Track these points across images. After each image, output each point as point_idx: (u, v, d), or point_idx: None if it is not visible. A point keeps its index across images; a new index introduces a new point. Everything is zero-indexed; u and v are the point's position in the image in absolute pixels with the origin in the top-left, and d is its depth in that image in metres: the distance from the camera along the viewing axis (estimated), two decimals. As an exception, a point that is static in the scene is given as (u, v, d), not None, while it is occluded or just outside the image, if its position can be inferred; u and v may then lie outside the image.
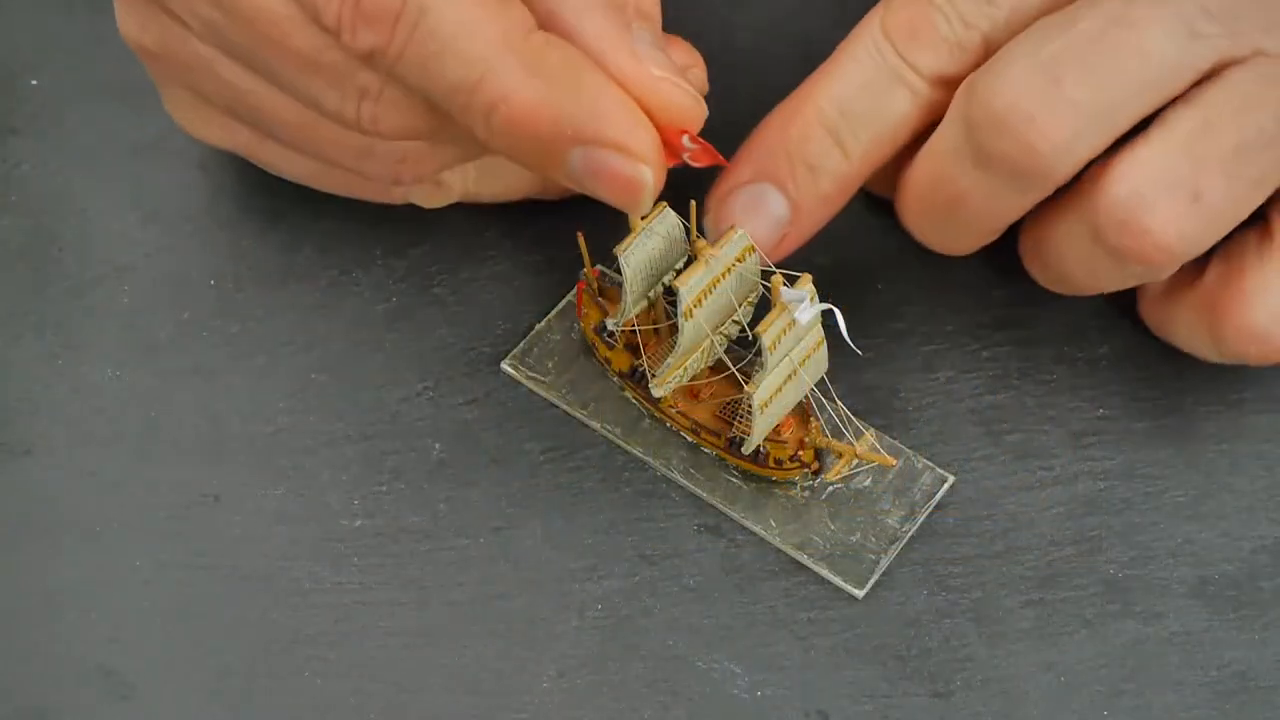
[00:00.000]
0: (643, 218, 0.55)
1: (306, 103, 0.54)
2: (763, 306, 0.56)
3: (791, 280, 0.54)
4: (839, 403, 0.57)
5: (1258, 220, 0.55)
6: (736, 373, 0.58)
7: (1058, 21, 0.53)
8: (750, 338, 0.55)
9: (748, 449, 0.57)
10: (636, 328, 0.58)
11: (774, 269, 0.55)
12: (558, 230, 0.62)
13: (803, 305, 0.54)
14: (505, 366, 0.60)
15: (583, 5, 0.51)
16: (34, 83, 0.66)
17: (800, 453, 0.57)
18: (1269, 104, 0.52)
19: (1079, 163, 0.53)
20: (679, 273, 0.56)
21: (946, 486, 0.58)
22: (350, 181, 0.59)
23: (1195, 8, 0.52)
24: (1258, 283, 0.54)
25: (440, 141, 0.55)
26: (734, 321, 0.57)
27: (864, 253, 0.61)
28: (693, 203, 0.56)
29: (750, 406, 0.55)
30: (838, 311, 0.54)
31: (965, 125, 0.53)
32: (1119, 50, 0.52)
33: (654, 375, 0.57)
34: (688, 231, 0.56)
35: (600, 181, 0.51)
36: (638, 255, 0.56)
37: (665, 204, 0.56)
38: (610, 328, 0.58)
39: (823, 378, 0.57)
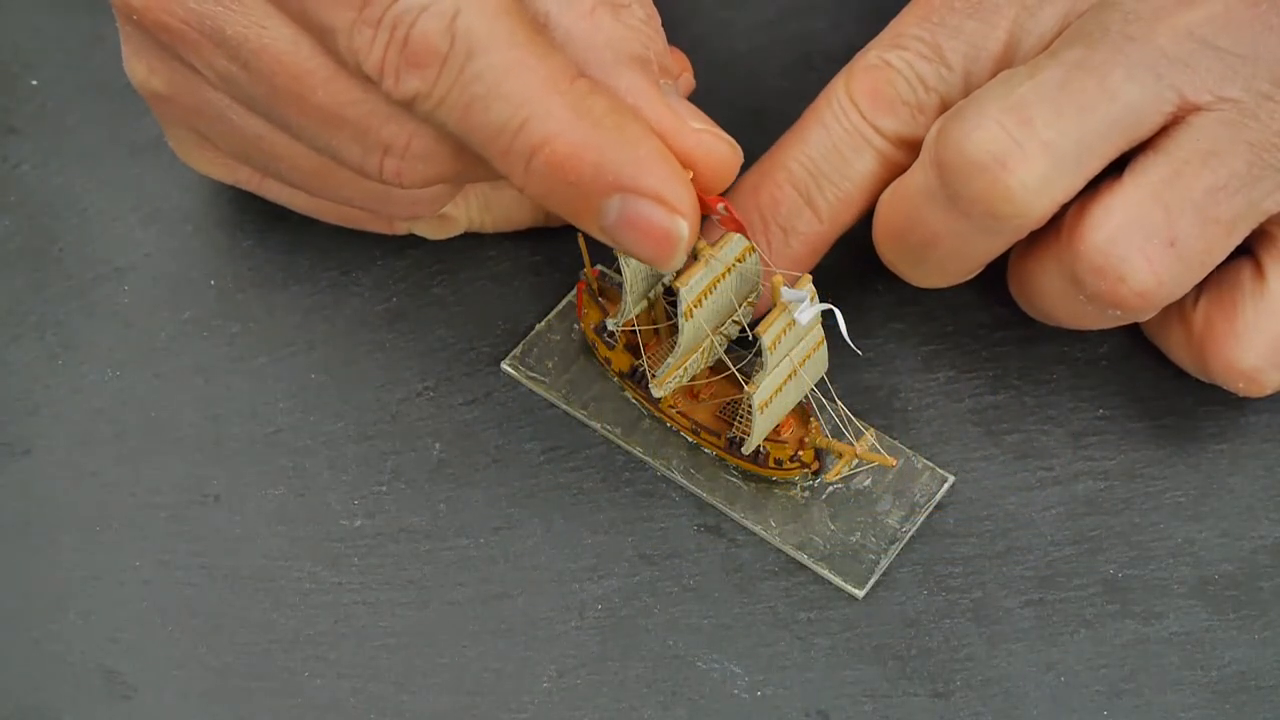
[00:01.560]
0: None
1: (324, 154, 0.53)
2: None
3: (792, 280, 0.54)
4: (839, 403, 0.57)
5: (1248, 255, 0.56)
6: (736, 373, 0.58)
7: (1023, 70, 0.54)
8: (750, 338, 0.55)
9: (748, 449, 0.57)
10: (636, 328, 0.58)
11: (774, 269, 0.55)
12: (558, 231, 0.62)
13: (803, 305, 0.54)
14: (505, 366, 0.60)
15: (613, 62, 0.51)
16: (34, 83, 0.66)
17: (800, 453, 0.57)
18: (1238, 148, 0.53)
19: (1053, 205, 0.53)
20: (679, 273, 0.56)
21: (946, 486, 0.58)
22: (356, 216, 0.60)
23: (1155, 54, 0.53)
24: (1248, 322, 0.55)
25: (461, 185, 0.56)
26: (734, 321, 0.57)
27: (864, 253, 0.61)
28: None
29: (750, 406, 0.55)
30: (838, 312, 0.54)
31: (937, 168, 0.54)
32: (1086, 92, 0.53)
33: (654, 375, 0.57)
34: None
35: (635, 232, 0.50)
36: (638, 255, 0.56)
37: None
38: (610, 328, 0.58)
39: (823, 378, 0.57)
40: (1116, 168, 0.54)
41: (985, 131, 0.53)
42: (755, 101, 0.64)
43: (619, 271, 0.56)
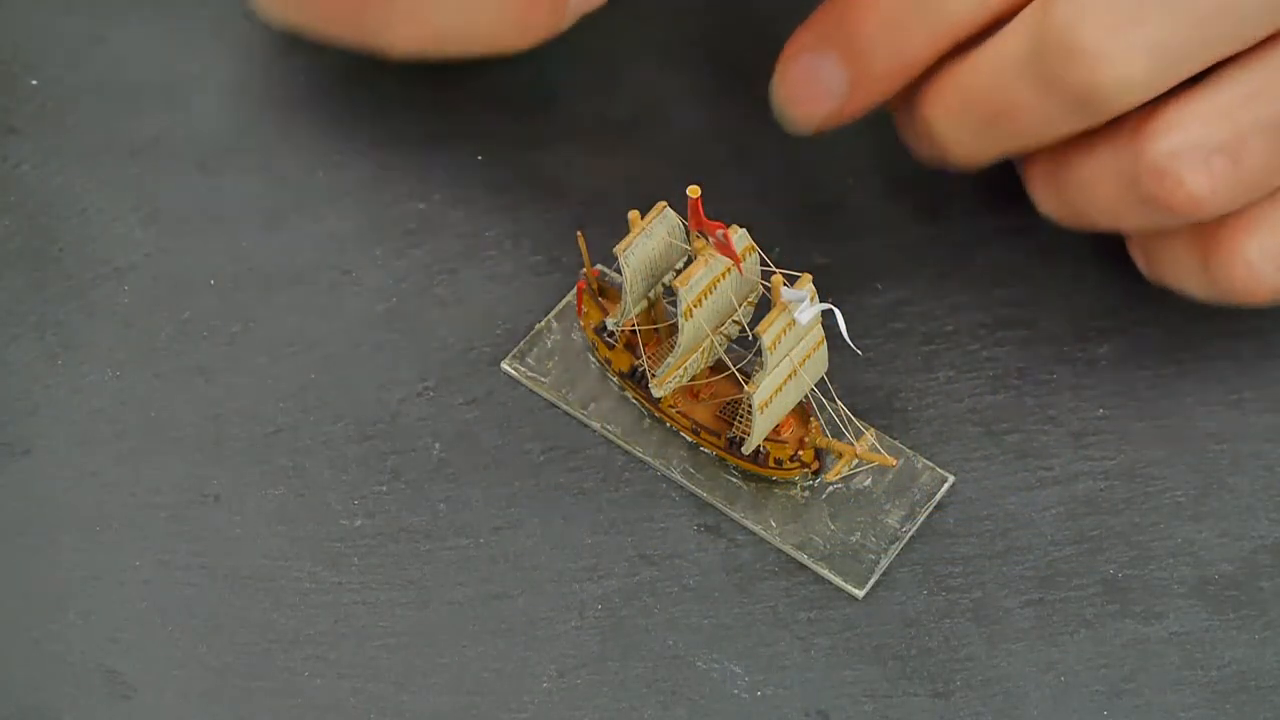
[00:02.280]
0: (642, 217, 0.56)
1: None
2: (763, 306, 0.56)
3: (791, 280, 0.54)
4: (839, 403, 0.57)
5: None
6: (736, 373, 0.58)
7: None
8: (750, 338, 0.55)
9: (748, 449, 0.57)
10: (636, 328, 0.58)
11: (774, 269, 0.55)
12: (558, 230, 0.62)
13: (803, 305, 0.54)
14: (505, 366, 0.60)
15: None
16: (34, 83, 0.66)
17: (800, 453, 0.57)
18: None
19: (1141, 101, 0.53)
20: (679, 273, 0.56)
21: (946, 486, 0.58)
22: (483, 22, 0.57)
23: None
24: (1258, 215, 0.54)
25: None
26: (734, 321, 0.57)
27: (864, 253, 0.61)
28: (695, 195, 0.56)
29: (750, 406, 0.55)
30: (838, 312, 0.54)
31: (1036, 44, 0.53)
32: (1204, 2, 0.52)
33: (654, 375, 0.57)
34: (687, 231, 0.56)
35: None
36: (638, 255, 0.56)
37: (666, 204, 0.56)
38: (610, 328, 0.58)
39: (823, 378, 0.57)
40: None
41: (1096, 21, 0.52)
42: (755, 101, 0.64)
43: (619, 271, 0.56)
